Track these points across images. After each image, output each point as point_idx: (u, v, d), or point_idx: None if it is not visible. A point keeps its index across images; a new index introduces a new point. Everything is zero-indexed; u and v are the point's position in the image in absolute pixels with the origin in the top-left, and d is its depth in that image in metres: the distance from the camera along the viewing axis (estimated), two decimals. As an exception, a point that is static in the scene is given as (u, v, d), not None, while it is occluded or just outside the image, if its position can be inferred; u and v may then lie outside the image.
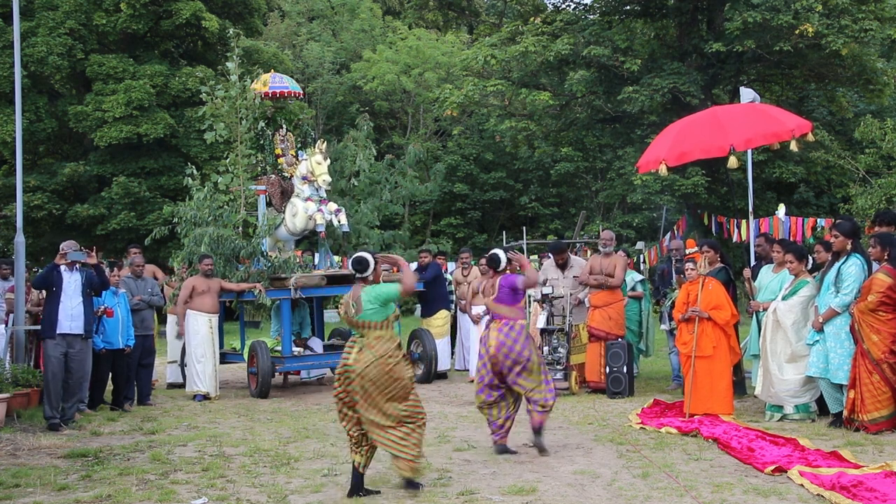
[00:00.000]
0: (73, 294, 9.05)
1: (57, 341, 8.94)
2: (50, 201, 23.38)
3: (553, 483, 6.23)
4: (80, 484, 6.56)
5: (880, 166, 18.94)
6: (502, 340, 7.17)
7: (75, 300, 9.04)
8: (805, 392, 8.36)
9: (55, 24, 23.20)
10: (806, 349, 8.27)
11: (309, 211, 11.52)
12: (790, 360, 8.40)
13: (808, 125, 9.41)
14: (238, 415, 9.79)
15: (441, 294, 12.84)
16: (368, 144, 13.48)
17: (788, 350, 8.42)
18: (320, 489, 6.23)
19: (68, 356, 9.01)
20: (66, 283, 9.03)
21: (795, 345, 8.37)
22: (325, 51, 32.23)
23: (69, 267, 9.10)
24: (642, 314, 11.52)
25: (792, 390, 8.38)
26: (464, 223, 30.38)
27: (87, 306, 9.18)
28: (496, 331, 7.26)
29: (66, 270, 9.09)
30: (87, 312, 9.14)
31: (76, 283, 9.10)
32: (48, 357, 8.97)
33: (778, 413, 8.47)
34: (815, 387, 8.30)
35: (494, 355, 7.17)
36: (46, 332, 9.01)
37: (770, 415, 8.51)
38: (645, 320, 11.52)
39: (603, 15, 21.48)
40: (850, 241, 8.05)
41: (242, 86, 12.02)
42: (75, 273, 9.14)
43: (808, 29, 17.80)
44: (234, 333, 13.71)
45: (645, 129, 22.21)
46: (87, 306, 9.18)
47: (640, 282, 11.64)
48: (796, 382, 8.35)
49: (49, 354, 8.96)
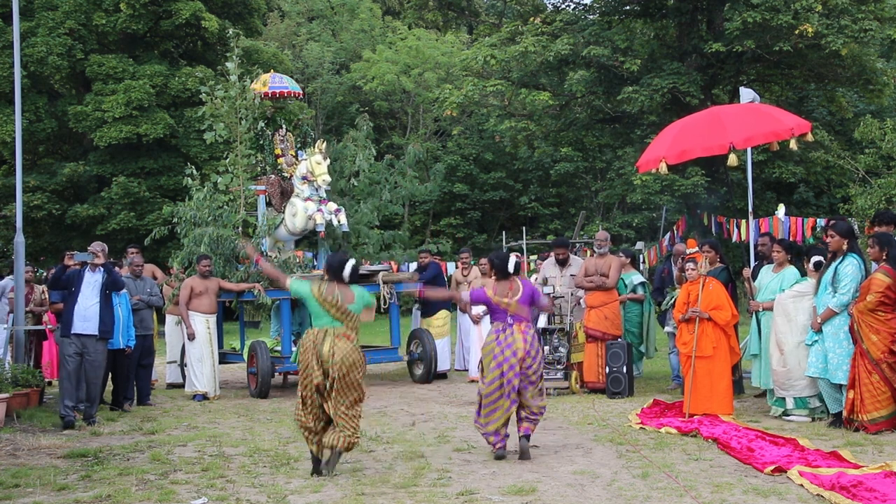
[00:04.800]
0: (91, 294, 9.06)
1: (71, 340, 9.00)
2: (50, 201, 23.39)
3: (553, 483, 6.23)
4: (79, 484, 6.55)
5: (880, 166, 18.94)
6: (530, 342, 7.08)
7: (91, 300, 9.05)
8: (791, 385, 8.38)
9: (55, 24, 23.21)
10: (791, 342, 8.33)
11: (308, 211, 11.53)
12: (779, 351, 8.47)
13: (808, 125, 9.41)
14: (238, 415, 9.79)
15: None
16: (368, 144, 13.48)
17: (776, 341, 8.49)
18: (320, 489, 6.23)
19: (83, 357, 9.05)
20: (84, 284, 9.06)
21: (777, 336, 8.45)
22: (325, 51, 32.25)
23: (91, 268, 9.12)
24: (643, 316, 11.51)
25: (779, 381, 8.46)
26: (463, 223, 30.39)
27: (105, 307, 9.12)
28: (521, 332, 7.08)
29: (88, 271, 9.11)
30: (102, 313, 9.10)
31: (95, 283, 9.10)
32: (62, 356, 9.07)
33: (781, 407, 8.49)
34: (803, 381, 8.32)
35: (523, 358, 7.01)
36: (63, 330, 9.13)
37: (775, 409, 8.55)
38: (646, 322, 11.51)
39: (603, 15, 21.50)
40: (846, 241, 8.05)
41: (242, 86, 12.01)
42: (96, 273, 9.13)
43: (807, 29, 17.81)
44: (234, 333, 13.70)
45: (644, 129, 22.23)
46: (105, 307, 9.12)
47: (641, 284, 11.62)
48: (781, 374, 8.42)
49: (63, 353, 9.04)
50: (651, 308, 11.63)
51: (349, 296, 6.66)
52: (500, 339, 7.09)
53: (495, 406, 7.02)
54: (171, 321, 12.14)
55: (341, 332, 6.59)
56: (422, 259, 12.94)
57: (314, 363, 6.53)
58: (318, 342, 6.56)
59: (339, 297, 6.61)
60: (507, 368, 6.98)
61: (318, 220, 11.50)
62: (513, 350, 7.01)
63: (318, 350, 6.53)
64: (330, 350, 6.50)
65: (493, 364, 7.04)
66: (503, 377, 6.99)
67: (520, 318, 7.14)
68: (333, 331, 6.58)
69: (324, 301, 6.61)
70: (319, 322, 6.66)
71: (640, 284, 11.60)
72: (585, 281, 10.69)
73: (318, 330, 6.64)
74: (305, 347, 6.61)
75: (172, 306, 11.81)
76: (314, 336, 6.61)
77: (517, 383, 6.98)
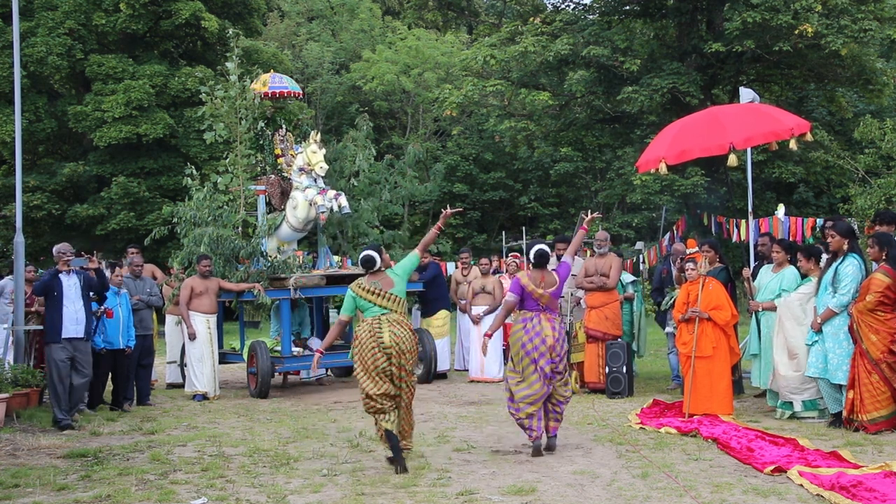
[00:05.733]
0: (75, 298, 9.12)
1: (62, 345, 8.99)
2: (49, 201, 23.38)
3: (552, 483, 6.23)
4: (79, 484, 6.56)
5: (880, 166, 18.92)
6: (558, 331, 7.23)
7: (77, 304, 9.12)
8: (805, 388, 8.36)
9: (55, 24, 23.20)
10: (801, 346, 8.28)
11: (308, 196, 11.51)
12: (790, 356, 8.42)
13: (807, 125, 9.41)
14: (238, 415, 9.79)
15: (441, 294, 12.84)
16: (368, 144, 13.48)
17: (786, 346, 8.44)
18: (320, 489, 6.23)
19: (75, 360, 9.08)
20: (66, 288, 9.09)
21: (790, 341, 8.40)
22: (325, 51, 32.24)
23: (66, 272, 9.14)
24: (634, 315, 11.49)
25: (791, 386, 8.40)
26: (463, 223, 30.38)
27: (87, 308, 9.25)
28: (548, 321, 7.21)
29: (64, 274, 9.13)
30: (86, 315, 9.22)
31: (76, 286, 9.16)
32: (54, 361, 8.99)
33: (788, 410, 8.47)
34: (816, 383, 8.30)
35: (553, 346, 7.14)
36: (51, 336, 9.04)
37: (781, 412, 8.51)
38: (637, 321, 11.48)
39: (602, 15, 21.48)
40: (846, 241, 8.05)
41: (242, 86, 12.01)
42: (73, 276, 9.18)
43: (807, 29, 17.80)
44: (234, 333, 13.70)
45: (644, 129, 22.22)
46: (87, 308, 9.25)
47: (632, 282, 11.60)
48: (795, 379, 8.37)
49: (55, 358, 8.98)
50: (642, 306, 11.62)
51: (388, 282, 6.92)
52: (528, 328, 7.21)
53: (530, 390, 7.11)
54: (170, 321, 12.14)
55: (394, 318, 6.83)
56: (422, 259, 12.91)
57: (377, 350, 6.71)
58: (376, 330, 6.76)
59: (379, 286, 6.87)
60: (539, 356, 7.11)
61: (320, 202, 11.45)
62: (542, 338, 7.14)
63: (378, 338, 6.73)
64: (391, 339, 6.72)
65: (523, 352, 7.16)
66: (535, 363, 7.12)
67: (550, 309, 7.27)
68: (387, 318, 6.82)
69: (368, 294, 6.87)
70: (370, 313, 6.87)
71: (631, 283, 11.59)
72: (586, 281, 10.70)
73: (371, 319, 6.83)
74: (362, 338, 6.77)
75: (172, 306, 11.81)
76: (369, 325, 6.80)
77: (549, 370, 7.13)
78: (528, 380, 7.14)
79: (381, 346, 6.71)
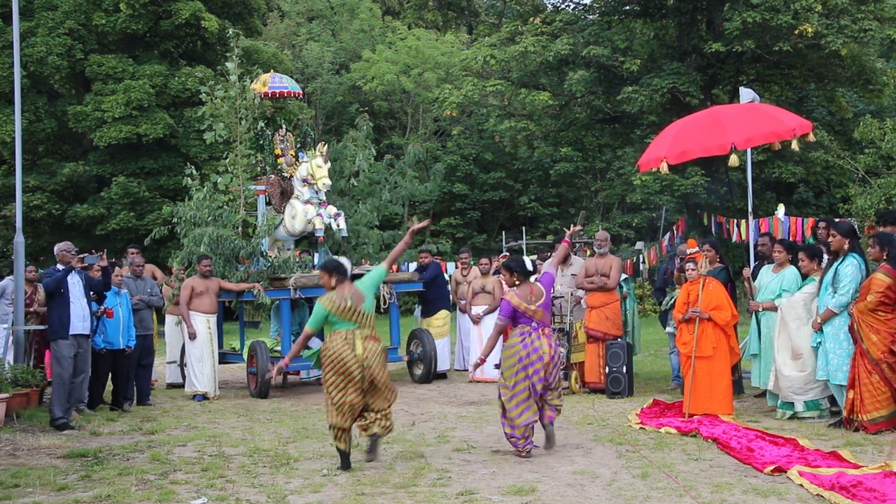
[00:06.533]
0: (80, 295, 9.23)
1: (70, 342, 9.05)
2: (49, 201, 23.40)
3: (552, 483, 6.23)
4: (79, 484, 6.55)
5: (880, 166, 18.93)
6: (554, 348, 7.20)
7: (82, 301, 9.23)
8: (810, 389, 8.35)
9: (55, 24, 23.21)
10: (806, 346, 8.27)
11: (308, 215, 11.56)
12: (793, 356, 8.41)
13: (809, 125, 9.39)
14: (238, 415, 9.79)
15: (441, 294, 12.83)
16: (368, 144, 13.48)
17: (789, 347, 8.43)
18: (320, 489, 6.23)
19: (77, 356, 9.16)
20: (72, 285, 9.16)
21: (794, 341, 8.38)
22: (325, 51, 32.26)
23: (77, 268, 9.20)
24: (627, 313, 11.48)
25: (795, 387, 8.39)
26: (463, 223, 30.40)
27: (89, 307, 9.38)
28: (546, 338, 7.18)
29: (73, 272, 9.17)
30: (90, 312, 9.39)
31: (79, 284, 9.26)
32: (61, 358, 9.03)
33: (789, 411, 8.46)
34: (820, 384, 8.28)
35: (548, 363, 7.12)
36: (59, 333, 9.07)
37: (781, 412, 8.50)
38: (630, 320, 11.47)
39: (602, 15, 21.50)
40: (847, 241, 8.04)
41: (242, 86, 12.01)
42: (76, 274, 9.26)
43: (807, 29, 17.81)
44: (234, 333, 13.70)
45: (644, 129, 22.23)
46: (89, 307, 9.38)
47: (625, 281, 11.59)
48: (799, 379, 8.36)
49: (63, 355, 9.03)
50: (635, 305, 11.62)
51: (358, 296, 6.83)
52: (527, 343, 7.14)
53: (523, 407, 7.10)
54: (170, 321, 12.14)
55: (367, 333, 6.79)
56: (422, 259, 12.94)
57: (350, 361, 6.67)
58: (350, 342, 6.72)
59: (350, 301, 6.77)
60: (533, 373, 7.09)
61: (318, 225, 11.54)
62: (539, 355, 7.11)
63: (353, 348, 6.69)
64: (364, 352, 6.70)
65: (519, 367, 7.10)
66: (528, 380, 7.09)
67: (544, 323, 7.25)
68: (360, 333, 6.77)
69: (339, 310, 6.76)
70: (342, 326, 6.79)
71: (624, 281, 11.58)
72: (586, 282, 10.69)
73: (345, 332, 6.77)
74: (337, 346, 6.71)
75: (172, 306, 11.81)
76: (342, 337, 6.73)
77: (541, 388, 7.13)
78: (516, 399, 7.07)
79: (355, 356, 6.68)
